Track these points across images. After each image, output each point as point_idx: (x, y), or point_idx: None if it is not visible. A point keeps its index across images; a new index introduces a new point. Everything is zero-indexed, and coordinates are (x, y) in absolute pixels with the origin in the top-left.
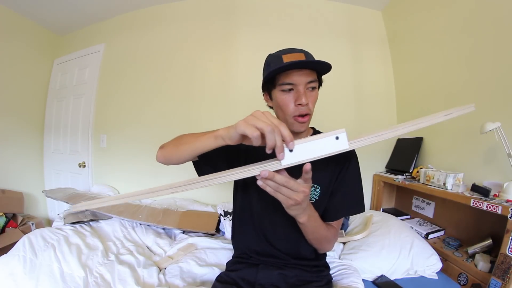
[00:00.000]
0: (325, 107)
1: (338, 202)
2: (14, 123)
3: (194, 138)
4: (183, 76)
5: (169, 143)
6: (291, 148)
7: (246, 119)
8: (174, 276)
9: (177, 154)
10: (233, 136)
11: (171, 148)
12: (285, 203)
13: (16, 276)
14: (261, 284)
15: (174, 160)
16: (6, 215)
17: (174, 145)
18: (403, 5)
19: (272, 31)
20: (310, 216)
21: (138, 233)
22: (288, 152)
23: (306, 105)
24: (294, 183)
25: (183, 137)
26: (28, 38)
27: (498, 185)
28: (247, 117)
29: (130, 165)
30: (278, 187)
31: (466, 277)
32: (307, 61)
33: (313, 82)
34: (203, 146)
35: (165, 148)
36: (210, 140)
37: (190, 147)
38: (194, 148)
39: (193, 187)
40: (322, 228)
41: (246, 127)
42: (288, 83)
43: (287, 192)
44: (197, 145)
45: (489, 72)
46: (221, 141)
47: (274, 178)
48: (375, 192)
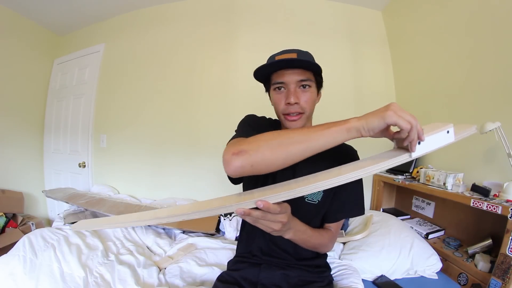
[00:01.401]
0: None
1: (339, 204)
2: (14, 123)
3: (306, 134)
4: (182, 76)
5: (257, 146)
6: (423, 140)
7: (394, 110)
8: (174, 276)
9: (281, 158)
10: (376, 126)
11: (269, 151)
12: (265, 230)
13: (16, 276)
14: (263, 284)
15: (271, 167)
16: (6, 215)
17: (274, 147)
18: (403, 5)
19: (272, 31)
20: (296, 231)
21: (138, 233)
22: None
23: (296, 104)
24: (271, 215)
25: (283, 135)
26: (28, 38)
27: (498, 185)
28: (391, 107)
29: (130, 165)
30: (255, 220)
31: (466, 277)
32: (291, 60)
33: (305, 81)
34: (329, 142)
35: (251, 153)
36: (341, 133)
37: (307, 146)
38: (315, 146)
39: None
40: (314, 238)
41: (398, 118)
42: (279, 82)
43: (265, 223)
44: (320, 142)
45: (489, 72)
46: (354, 133)
47: (251, 214)
48: (375, 192)
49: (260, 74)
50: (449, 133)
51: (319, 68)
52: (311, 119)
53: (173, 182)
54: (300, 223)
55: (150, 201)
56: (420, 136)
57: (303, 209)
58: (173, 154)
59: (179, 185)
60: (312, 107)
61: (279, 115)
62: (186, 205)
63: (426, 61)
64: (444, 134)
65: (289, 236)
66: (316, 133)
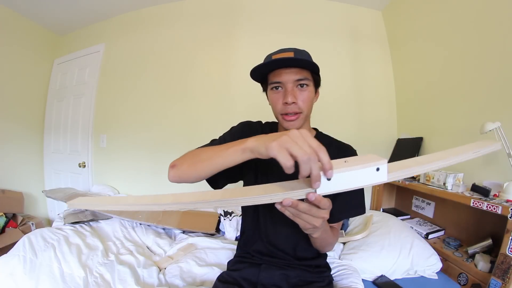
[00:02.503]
0: (325, 107)
1: (339, 205)
2: (14, 123)
3: (213, 153)
4: (182, 75)
5: (183, 161)
6: (329, 177)
7: (280, 141)
8: (174, 276)
9: (195, 173)
10: (261, 153)
11: (187, 167)
12: (303, 227)
13: (16, 276)
14: (263, 284)
15: (192, 179)
16: (6, 215)
17: (190, 164)
18: (403, 5)
19: (272, 31)
20: (324, 230)
21: (138, 233)
22: (325, 180)
23: (294, 104)
24: (315, 210)
25: (199, 153)
26: (28, 38)
27: (498, 185)
28: (281, 137)
29: (130, 165)
30: (298, 214)
31: (466, 277)
32: (288, 59)
33: (302, 80)
34: (227, 162)
35: (178, 167)
36: (237, 154)
37: (211, 164)
38: (216, 165)
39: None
40: (330, 236)
41: (279, 152)
42: (276, 82)
43: (307, 218)
44: (220, 161)
45: (489, 72)
46: (249, 154)
47: (298, 206)
48: (375, 192)
49: (257, 74)
50: (379, 170)
51: (317, 67)
52: (309, 119)
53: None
54: (327, 223)
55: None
56: (325, 171)
57: None
58: (173, 154)
59: (179, 185)
60: (310, 106)
61: (277, 116)
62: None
63: (426, 61)
64: (371, 171)
65: (317, 235)
66: (218, 153)
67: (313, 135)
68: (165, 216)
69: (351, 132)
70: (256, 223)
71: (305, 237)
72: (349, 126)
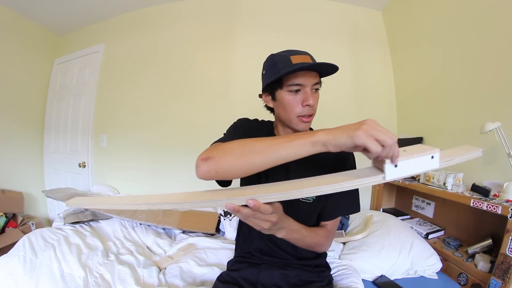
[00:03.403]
0: (325, 107)
1: (334, 202)
2: (14, 123)
3: (272, 144)
4: (183, 76)
5: (222, 153)
6: (396, 164)
7: (364, 129)
8: (174, 276)
9: (244, 166)
10: (343, 144)
11: (233, 159)
12: (254, 228)
13: (16, 276)
14: (263, 284)
15: (234, 174)
16: (6, 215)
17: (238, 155)
18: (403, 5)
19: (272, 31)
20: (289, 231)
21: (138, 233)
22: (393, 167)
23: (311, 106)
24: (261, 215)
25: (247, 144)
26: (28, 38)
27: (498, 185)
28: (363, 126)
29: (130, 165)
30: (245, 218)
31: (466, 277)
32: (320, 64)
33: (318, 84)
34: (292, 154)
35: (216, 160)
36: (305, 146)
37: (271, 156)
38: (278, 157)
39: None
40: (309, 237)
41: (368, 139)
42: (296, 84)
43: (254, 221)
44: (283, 153)
45: (489, 72)
46: (320, 147)
47: (240, 211)
48: (375, 192)
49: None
50: (433, 158)
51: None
52: None
53: (173, 182)
54: (293, 223)
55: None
56: (393, 159)
57: (298, 208)
58: (173, 154)
59: (179, 185)
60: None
61: (291, 117)
62: (179, 194)
63: (426, 61)
64: (427, 159)
65: (281, 235)
66: (278, 145)
67: None
68: (165, 216)
69: None
70: None
71: None
72: None
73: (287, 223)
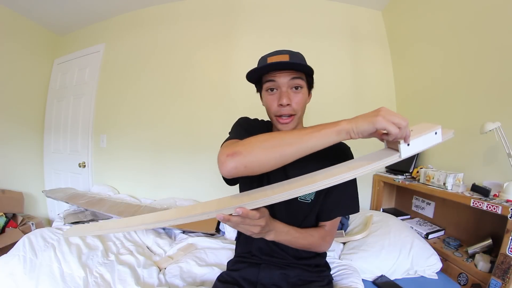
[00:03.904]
0: (325, 107)
1: (332, 202)
2: (14, 123)
3: (301, 135)
4: (182, 75)
5: (251, 148)
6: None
7: (383, 115)
8: (174, 276)
9: (274, 159)
10: (365, 130)
11: (263, 152)
12: (246, 233)
13: (16, 276)
14: (263, 283)
15: (264, 168)
16: (6, 215)
17: (267, 148)
18: (403, 5)
19: (272, 31)
20: (278, 233)
21: (138, 233)
22: (406, 146)
23: (288, 106)
24: (250, 220)
25: (277, 137)
26: (28, 38)
27: (498, 185)
28: (381, 112)
29: (130, 165)
30: (235, 225)
31: (466, 277)
32: (284, 62)
33: (297, 82)
34: (320, 143)
35: (244, 155)
36: (331, 136)
37: (302, 146)
38: (307, 147)
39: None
40: (300, 238)
41: (387, 123)
42: (270, 81)
43: (244, 227)
44: (313, 142)
45: (489, 72)
46: (344, 135)
47: (231, 220)
48: (375, 192)
49: (252, 75)
50: (437, 134)
51: (311, 70)
52: (302, 120)
53: (173, 181)
54: (281, 225)
55: (150, 201)
56: (406, 139)
57: (296, 208)
58: (173, 154)
59: (179, 185)
60: (303, 108)
61: (271, 117)
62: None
63: (426, 61)
64: (432, 135)
65: (271, 238)
66: (307, 135)
67: None
68: None
69: None
70: None
71: None
72: None
73: (274, 225)
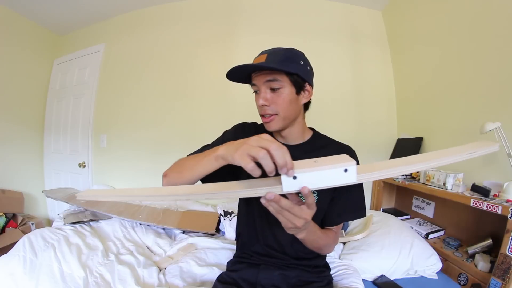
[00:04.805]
0: (325, 107)
1: (339, 208)
2: (14, 123)
3: (195, 162)
4: (182, 75)
5: (171, 170)
6: (290, 176)
7: (241, 149)
8: (174, 276)
9: (182, 181)
10: (232, 161)
11: (175, 176)
12: (285, 225)
13: (16, 276)
14: (262, 284)
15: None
16: (6, 215)
17: (177, 172)
18: (403, 5)
19: (272, 31)
20: (309, 232)
21: (138, 233)
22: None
23: (266, 106)
24: (298, 209)
25: (184, 162)
26: (28, 38)
27: (498, 185)
28: (243, 146)
29: (130, 165)
30: (281, 210)
31: (466, 277)
32: (245, 66)
33: (272, 82)
34: (205, 170)
35: (168, 177)
36: (211, 162)
37: (194, 172)
38: (197, 173)
39: (197, 197)
40: (321, 238)
41: (241, 158)
42: (252, 84)
43: (288, 216)
44: (200, 170)
45: (489, 72)
46: (221, 161)
47: (279, 202)
48: (375, 192)
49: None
50: (347, 171)
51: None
52: (300, 120)
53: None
54: (313, 223)
55: (150, 201)
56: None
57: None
58: (173, 154)
59: None
60: (288, 108)
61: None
62: (209, 185)
63: (426, 61)
64: (340, 172)
65: (302, 236)
66: (198, 162)
67: (310, 135)
68: (165, 216)
69: (351, 132)
70: (252, 225)
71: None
72: (349, 126)
73: (309, 223)
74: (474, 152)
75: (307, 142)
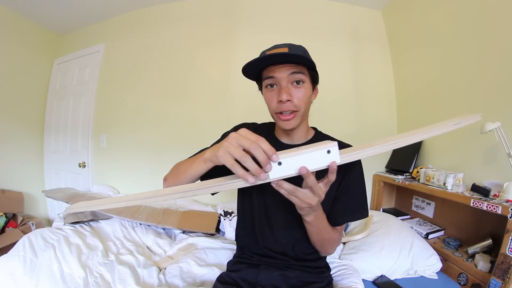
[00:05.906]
0: (325, 106)
1: (341, 208)
2: (14, 123)
3: (188, 165)
4: (182, 75)
5: (170, 174)
6: (275, 161)
7: (223, 147)
8: (174, 276)
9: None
10: (216, 162)
11: (172, 179)
12: (299, 205)
13: (16, 276)
14: (262, 285)
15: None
16: (6, 215)
17: (174, 176)
18: (403, 5)
19: (272, 31)
20: (317, 216)
21: (138, 233)
22: (277, 165)
23: (289, 102)
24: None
25: (180, 166)
26: (28, 38)
27: (498, 185)
28: (224, 144)
29: (130, 165)
30: (293, 191)
31: (466, 277)
32: (281, 54)
33: (298, 75)
34: (197, 173)
35: (168, 180)
36: (200, 165)
37: (187, 176)
38: (191, 176)
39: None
40: (327, 230)
41: (224, 157)
42: (270, 78)
43: (308, 194)
44: (192, 173)
45: (489, 72)
46: (209, 163)
47: (309, 178)
48: (375, 192)
49: (250, 71)
50: (330, 153)
51: (313, 63)
52: (307, 118)
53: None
54: (322, 210)
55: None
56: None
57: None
58: (173, 154)
59: None
60: (307, 104)
61: (272, 115)
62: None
63: (426, 61)
64: (323, 154)
65: (310, 219)
66: (190, 165)
67: (312, 134)
68: (165, 216)
69: (351, 132)
70: (252, 227)
71: (303, 238)
72: (349, 126)
73: (319, 206)
74: (459, 123)
75: (309, 141)
